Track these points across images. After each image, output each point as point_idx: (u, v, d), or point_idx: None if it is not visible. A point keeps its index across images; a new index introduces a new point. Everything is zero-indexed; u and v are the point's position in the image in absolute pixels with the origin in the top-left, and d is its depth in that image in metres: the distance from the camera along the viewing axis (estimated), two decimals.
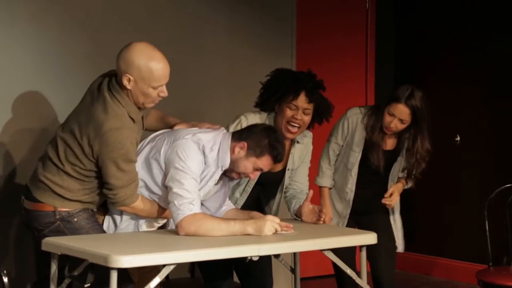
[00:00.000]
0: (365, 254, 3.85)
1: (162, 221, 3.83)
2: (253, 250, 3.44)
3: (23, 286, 4.48)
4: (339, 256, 3.77)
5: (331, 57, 6.49)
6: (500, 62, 6.14)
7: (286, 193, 4.33)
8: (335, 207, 4.61)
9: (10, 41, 4.54)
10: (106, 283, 3.13)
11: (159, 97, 3.59)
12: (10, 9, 4.53)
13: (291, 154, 4.25)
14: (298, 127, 4.12)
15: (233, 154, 3.72)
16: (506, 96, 6.11)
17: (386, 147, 4.52)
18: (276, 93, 4.14)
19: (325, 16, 6.47)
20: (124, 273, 3.43)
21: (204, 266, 4.18)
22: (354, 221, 4.64)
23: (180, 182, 3.55)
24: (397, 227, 4.67)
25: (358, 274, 3.87)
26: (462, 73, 6.40)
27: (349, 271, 3.82)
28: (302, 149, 4.30)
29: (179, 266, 3.35)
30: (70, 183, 3.60)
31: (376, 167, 4.47)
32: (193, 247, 3.35)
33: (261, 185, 4.26)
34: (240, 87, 5.50)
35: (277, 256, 4.00)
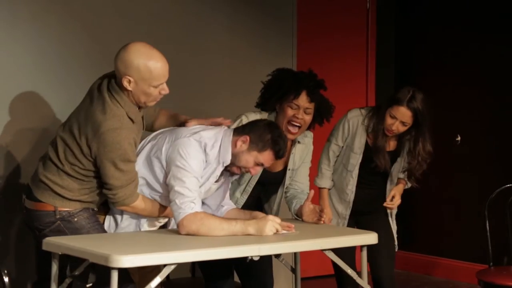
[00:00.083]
0: (365, 254, 3.84)
1: (163, 220, 3.83)
2: (253, 250, 3.44)
3: (24, 285, 4.47)
4: (340, 256, 3.77)
5: (332, 57, 6.48)
6: (500, 62, 6.14)
7: (286, 193, 4.33)
8: (336, 208, 4.60)
9: (11, 40, 4.54)
10: (107, 283, 3.13)
11: (160, 94, 3.59)
12: (11, 8, 4.53)
13: (292, 154, 4.24)
14: (298, 127, 4.12)
15: (235, 148, 3.70)
16: (506, 96, 6.11)
17: (387, 148, 4.51)
18: (277, 92, 4.14)
19: (325, 16, 6.47)
20: (124, 273, 3.43)
21: (204, 266, 4.18)
22: (354, 221, 4.64)
23: (181, 180, 3.54)
24: (393, 227, 4.67)
25: (359, 274, 3.87)
26: (462, 73, 6.39)
27: (349, 271, 3.82)
28: (303, 149, 4.30)
29: (180, 266, 3.35)
30: (70, 183, 3.60)
31: (379, 168, 4.47)
32: (194, 247, 3.35)
33: (261, 185, 4.26)
34: (240, 87, 5.49)
35: (277, 256, 4.00)
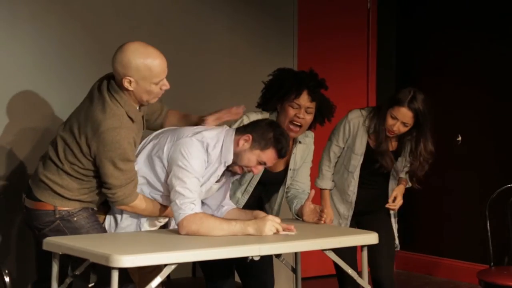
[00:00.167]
0: (366, 254, 3.84)
1: (163, 219, 3.83)
2: (254, 250, 3.43)
3: (25, 285, 4.47)
4: (340, 256, 3.77)
5: (333, 57, 6.48)
6: (501, 62, 6.13)
7: (287, 193, 4.33)
8: (337, 209, 4.59)
9: (11, 40, 4.54)
10: (108, 283, 3.13)
11: (162, 90, 3.60)
12: (11, 8, 4.53)
13: (293, 154, 4.24)
14: (300, 126, 4.12)
15: (237, 147, 3.69)
16: (507, 96, 6.11)
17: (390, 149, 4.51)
18: (278, 92, 4.14)
19: (326, 16, 6.47)
20: (124, 273, 3.43)
21: (205, 266, 4.18)
22: (355, 221, 4.63)
23: (182, 180, 3.54)
24: (395, 227, 4.66)
25: (359, 274, 3.87)
26: (463, 73, 6.39)
27: (350, 271, 3.81)
28: (304, 149, 4.30)
29: (181, 266, 3.35)
30: (69, 182, 3.60)
31: (385, 169, 4.47)
32: (194, 247, 3.34)
33: (262, 185, 4.25)
34: (241, 87, 5.49)
35: (278, 256, 3.99)
